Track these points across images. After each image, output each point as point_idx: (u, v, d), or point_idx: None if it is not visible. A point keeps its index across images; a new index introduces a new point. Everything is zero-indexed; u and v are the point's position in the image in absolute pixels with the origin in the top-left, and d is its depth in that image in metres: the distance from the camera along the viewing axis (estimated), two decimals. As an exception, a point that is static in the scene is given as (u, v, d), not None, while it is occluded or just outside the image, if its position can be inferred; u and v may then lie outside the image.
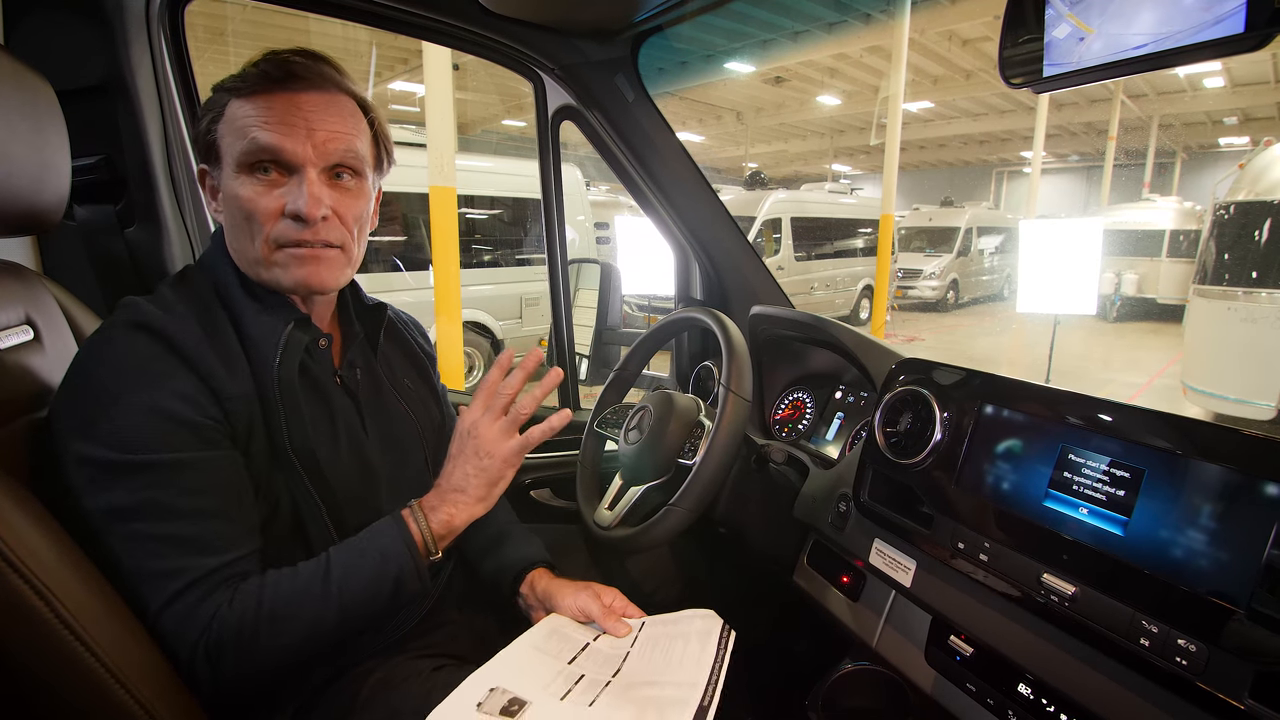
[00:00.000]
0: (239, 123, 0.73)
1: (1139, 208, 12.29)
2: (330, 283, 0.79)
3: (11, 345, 0.75)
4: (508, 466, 0.83)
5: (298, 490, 0.76)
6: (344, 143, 0.77)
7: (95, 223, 1.04)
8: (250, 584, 0.69)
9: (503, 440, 0.82)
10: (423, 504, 0.80)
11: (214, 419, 0.69)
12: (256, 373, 0.74)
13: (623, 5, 1.22)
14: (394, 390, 0.93)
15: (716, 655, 0.75)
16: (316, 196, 0.74)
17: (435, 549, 0.79)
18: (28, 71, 0.73)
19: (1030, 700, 0.75)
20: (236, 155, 0.73)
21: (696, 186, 1.54)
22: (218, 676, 0.67)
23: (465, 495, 0.81)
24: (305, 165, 0.74)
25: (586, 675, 0.74)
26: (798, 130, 18.73)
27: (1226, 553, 0.60)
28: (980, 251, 13.99)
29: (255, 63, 0.75)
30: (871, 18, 8.80)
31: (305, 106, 0.74)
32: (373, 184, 0.84)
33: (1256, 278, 4.89)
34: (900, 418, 0.94)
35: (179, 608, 0.65)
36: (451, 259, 4.05)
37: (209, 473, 0.69)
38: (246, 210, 0.74)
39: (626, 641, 0.83)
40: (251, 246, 0.75)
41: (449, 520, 0.80)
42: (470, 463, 0.81)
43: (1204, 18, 0.57)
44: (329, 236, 0.77)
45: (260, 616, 0.67)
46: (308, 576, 0.72)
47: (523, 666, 0.74)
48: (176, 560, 0.66)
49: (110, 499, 0.65)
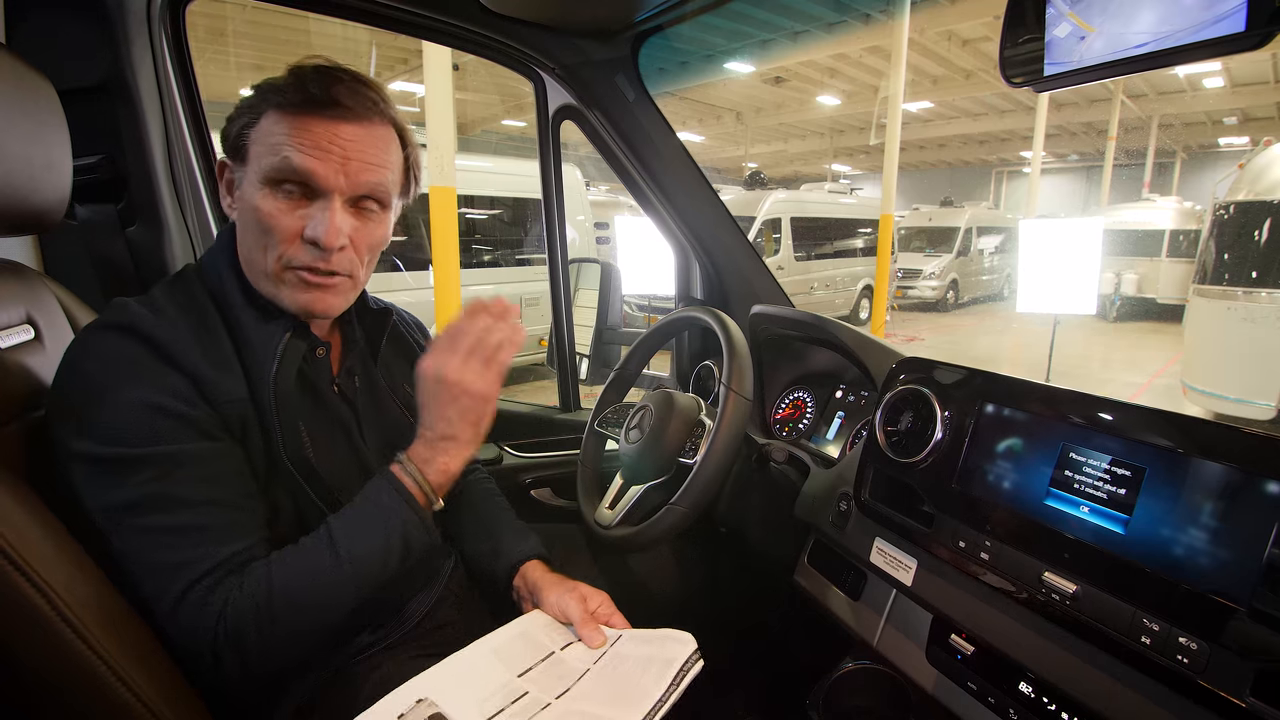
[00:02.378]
0: (274, 138, 0.72)
1: (1139, 208, 12.30)
2: (333, 309, 0.80)
3: (12, 345, 0.75)
4: (488, 402, 0.79)
5: (299, 496, 0.76)
6: (375, 175, 0.76)
7: (96, 222, 1.04)
8: (257, 566, 0.68)
9: (478, 377, 0.78)
10: (412, 457, 0.78)
11: (207, 414, 0.69)
12: (252, 379, 0.74)
13: (623, 5, 1.22)
14: (393, 396, 0.92)
15: (666, 689, 0.72)
16: (338, 227, 0.74)
17: (435, 498, 0.78)
18: (29, 71, 0.73)
19: (1031, 699, 0.75)
20: (265, 169, 0.72)
21: (697, 186, 1.54)
22: (245, 661, 0.66)
23: (455, 441, 0.79)
24: (333, 193, 0.74)
25: (530, 694, 0.72)
26: (797, 130, 18.73)
27: (1227, 551, 0.60)
28: (980, 251, 14.00)
29: (299, 73, 0.73)
30: (871, 18, 8.81)
31: (344, 136, 0.73)
32: (395, 210, 0.84)
33: (1256, 277, 4.89)
34: (901, 417, 0.95)
35: (193, 599, 0.65)
36: (451, 259, 4.06)
37: (212, 462, 0.69)
38: (265, 225, 0.73)
39: (593, 656, 0.80)
40: (263, 259, 0.75)
41: (446, 467, 0.78)
42: (450, 407, 0.78)
43: (1205, 16, 0.57)
44: (340, 266, 0.77)
45: (273, 595, 0.67)
46: (312, 548, 0.71)
47: (467, 675, 0.72)
48: (186, 552, 0.66)
49: (114, 495, 0.65)
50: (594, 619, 0.85)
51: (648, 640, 0.82)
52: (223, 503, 0.69)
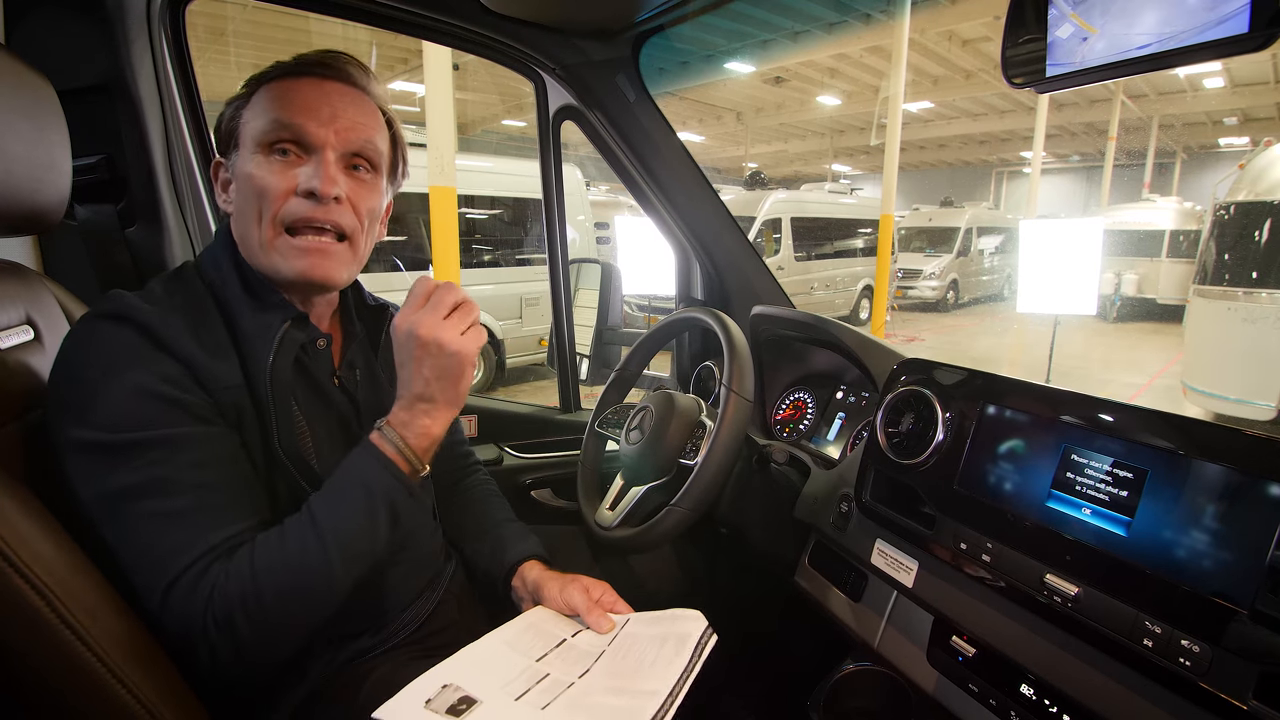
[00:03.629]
0: (264, 104, 0.75)
1: (1139, 208, 12.29)
2: (333, 277, 0.78)
3: (12, 345, 0.75)
4: (469, 363, 0.76)
5: (294, 487, 0.76)
6: (365, 133, 0.78)
7: (96, 222, 1.04)
8: (242, 551, 0.67)
9: (454, 333, 0.74)
10: (391, 422, 0.76)
11: (202, 400, 0.69)
12: (249, 369, 0.73)
13: (624, 5, 1.22)
14: (393, 390, 0.92)
15: (688, 662, 0.72)
16: (332, 176, 0.75)
17: (421, 464, 0.76)
18: (29, 71, 0.73)
19: (1033, 701, 0.75)
20: (257, 134, 0.74)
21: (697, 186, 1.54)
22: (238, 647, 0.65)
23: (435, 403, 0.76)
24: (324, 147, 0.75)
25: (551, 674, 0.72)
26: (798, 130, 18.72)
27: (1230, 553, 0.60)
28: (980, 252, 14.00)
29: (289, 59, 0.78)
30: (871, 18, 8.80)
31: (332, 95, 0.77)
32: (386, 189, 0.84)
33: (1257, 278, 4.89)
34: (902, 418, 0.94)
35: (183, 585, 0.64)
36: (452, 259, 4.06)
37: (205, 446, 0.68)
38: (259, 188, 0.74)
39: (605, 639, 0.81)
40: (257, 229, 0.75)
41: (427, 430, 0.76)
42: (425, 365, 0.74)
43: (1208, 18, 0.56)
44: (340, 219, 0.76)
45: (258, 576, 0.65)
46: (294, 526, 0.70)
47: (486, 663, 0.73)
48: (176, 536, 0.65)
49: (108, 481, 0.65)
50: (599, 606, 0.86)
51: (657, 620, 0.83)
52: (214, 487, 0.68)
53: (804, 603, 1.12)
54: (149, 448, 0.65)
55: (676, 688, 0.69)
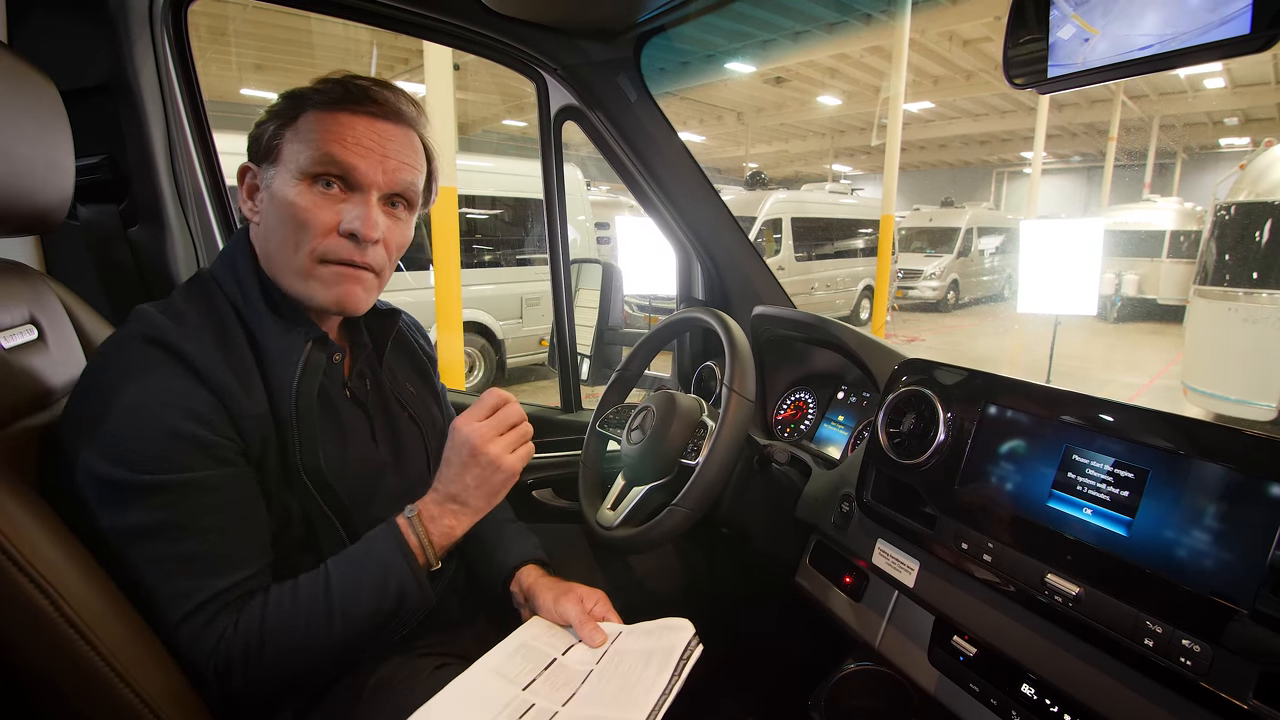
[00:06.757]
0: (314, 134, 0.74)
1: (1139, 208, 12.29)
2: (362, 306, 0.80)
3: (16, 345, 0.75)
4: (512, 480, 0.81)
5: (309, 505, 0.76)
6: (410, 175, 0.79)
7: (98, 222, 1.04)
8: (255, 604, 0.69)
9: (507, 453, 0.79)
10: (421, 514, 0.78)
11: (228, 437, 0.69)
12: (272, 390, 0.74)
13: (626, 5, 1.22)
14: (397, 397, 0.93)
15: (670, 680, 0.73)
16: (375, 220, 0.76)
17: (435, 560, 0.78)
18: (31, 71, 0.73)
19: (1034, 700, 0.75)
20: (304, 163, 0.74)
21: (698, 187, 1.54)
22: (228, 693, 0.67)
23: (466, 507, 0.79)
24: (371, 188, 0.76)
25: (536, 705, 0.72)
26: (798, 130, 18.73)
27: (1231, 553, 0.60)
28: (980, 252, 14.00)
29: (334, 80, 0.76)
30: (872, 18, 8.80)
31: (383, 134, 0.77)
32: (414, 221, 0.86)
33: (1257, 278, 4.89)
34: (903, 418, 0.94)
35: (189, 628, 0.66)
36: (452, 259, 4.06)
37: (222, 490, 0.69)
38: (301, 219, 0.74)
39: (594, 656, 0.81)
40: (295, 255, 0.75)
41: (450, 531, 0.79)
42: (471, 473, 0.78)
43: (1210, 18, 0.56)
44: (374, 260, 0.78)
45: (265, 638, 0.68)
46: (307, 595, 0.71)
47: (470, 699, 0.73)
48: (187, 581, 0.66)
49: (124, 518, 0.65)
50: (591, 618, 0.86)
51: (647, 633, 0.84)
52: (227, 531, 0.69)
53: (805, 603, 1.12)
54: (167, 490, 0.65)
55: (656, 708, 0.70)
